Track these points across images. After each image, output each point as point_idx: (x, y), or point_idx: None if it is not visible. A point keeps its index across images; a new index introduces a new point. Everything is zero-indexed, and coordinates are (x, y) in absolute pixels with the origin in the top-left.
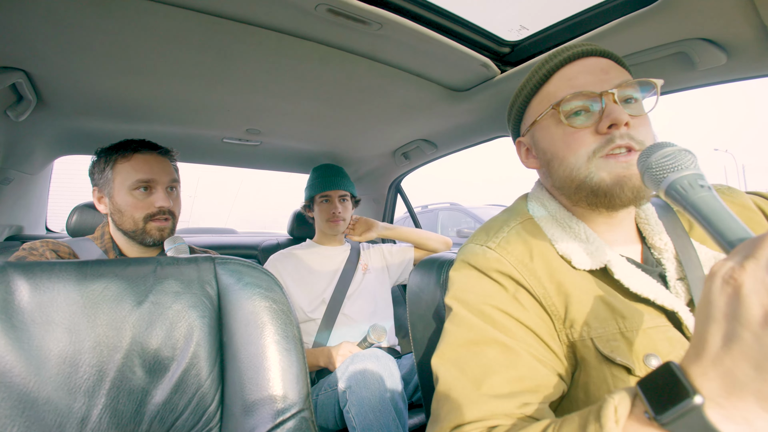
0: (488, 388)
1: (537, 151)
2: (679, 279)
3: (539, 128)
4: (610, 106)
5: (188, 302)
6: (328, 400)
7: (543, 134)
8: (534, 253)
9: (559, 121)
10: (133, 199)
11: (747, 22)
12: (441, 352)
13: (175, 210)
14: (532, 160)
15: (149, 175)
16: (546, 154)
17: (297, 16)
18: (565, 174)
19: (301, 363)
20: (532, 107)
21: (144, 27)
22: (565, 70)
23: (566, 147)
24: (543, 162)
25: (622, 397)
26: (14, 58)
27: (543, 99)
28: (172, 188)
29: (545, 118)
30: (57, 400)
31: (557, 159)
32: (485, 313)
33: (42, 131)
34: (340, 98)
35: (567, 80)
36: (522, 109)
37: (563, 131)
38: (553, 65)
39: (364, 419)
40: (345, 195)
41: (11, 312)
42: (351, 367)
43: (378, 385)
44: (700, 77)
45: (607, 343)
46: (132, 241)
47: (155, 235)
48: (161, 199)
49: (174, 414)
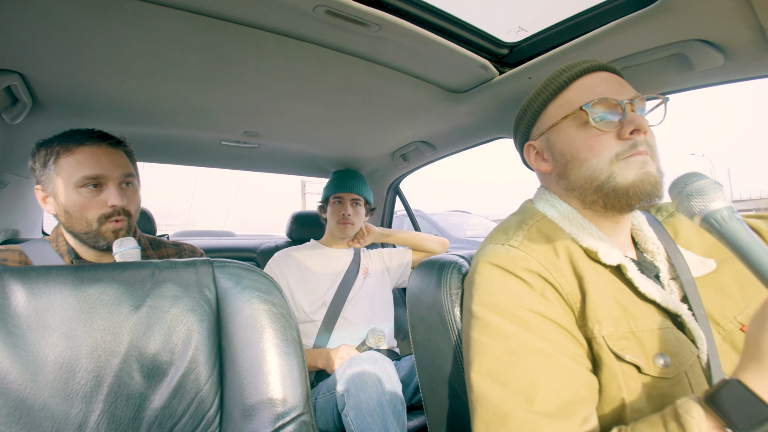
0: (540, 405)
1: (553, 153)
2: (672, 279)
3: (557, 131)
4: (632, 114)
5: (186, 306)
6: (327, 404)
7: (561, 137)
8: (558, 249)
9: (581, 125)
10: (80, 197)
11: (744, 23)
12: (479, 367)
13: (131, 208)
14: (544, 164)
15: (98, 170)
16: (564, 156)
17: (295, 17)
18: (585, 175)
19: (300, 366)
20: (549, 112)
21: (141, 29)
22: (584, 80)
23: (589, 149)
24: (559, 164)
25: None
26: (9, 61)
27: (563, 104)
28: (127, 183)
29: (566, 121)
30: (54, 406)
31: (577, 160)
32: (518, 317)
33: (38, 134)
34: (338, 100)
35: (588, 88)
36: (537, 113)
37: (585, 134)
38: (574, 74)
39: (362, 423)
40: (358, 199)
41: (7, 317)
42: (348, 371)
43: (376, 388)
44: (697, 78)
45: (618, 342)
46: (84, 244)
47: (110, 238)
48: (113, 197)
49: (173, 419)
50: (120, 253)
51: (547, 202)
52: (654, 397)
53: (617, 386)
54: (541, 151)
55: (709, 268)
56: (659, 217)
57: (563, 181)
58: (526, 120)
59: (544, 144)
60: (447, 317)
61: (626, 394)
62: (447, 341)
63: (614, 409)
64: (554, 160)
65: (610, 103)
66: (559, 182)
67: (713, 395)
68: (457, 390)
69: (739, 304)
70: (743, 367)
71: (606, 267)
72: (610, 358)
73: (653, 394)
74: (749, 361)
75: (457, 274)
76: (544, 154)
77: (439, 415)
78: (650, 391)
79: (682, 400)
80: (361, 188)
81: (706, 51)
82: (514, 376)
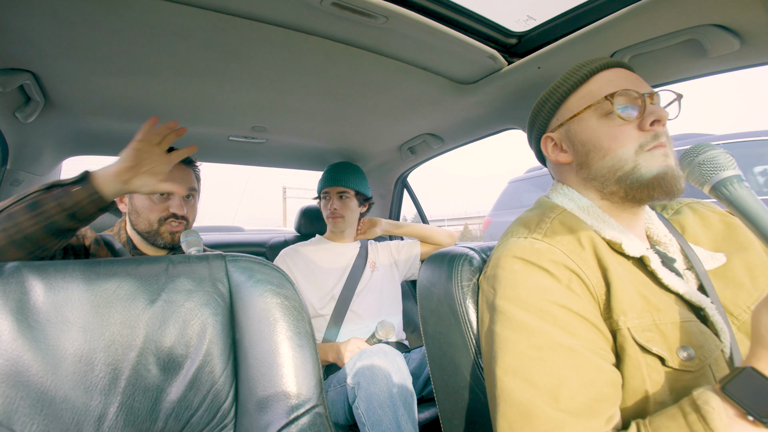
0: (566, 402)
1: (573, 144)
2: (687, 269)
3: (579, 121)
4: (652, 106)
5: (201, 300)
6: (338, 396)
7: (583, 127)
8: (583, 240)
9: (603, 115)
10: (150, 202)
11: (762, 5)
12: (503, 362)
13: (189, 217)
14: (562, 155)
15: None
16: (585, 146)
17: (303, 10)
18: (608, 164)
19: (314, 359)
20: (570, 103)
21: (150, 26)
22: (604, 74)
23: (612, 139)
24: (580, 154)
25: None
26: (21, 60)
27: (584, 95)
28: (189, 196)
29: (588, 111)
30: (74, 398)
31: (600, 150)
32: (544, 311)
33: (50, 132)
34: (346, 94)
35: (608, 81)
36: (556, 105)
37: (608, 124)
38: (594, 68)
39: (373, 415)
40: (344, 192)
41: (27, 312)
42: (359, 363)
43: (386, 381)
44: (711, 64)
45: (643, 333)
46: (145, 241)
47: (167, 238)
48: (176, 206)
49: (189, 411)
50: (186, 241)
51: (565, 196)
52: (677, 389)
53: (641, 379)
54: (559, 143)
55: (719, 261)
56: (665, 215)
57: (584, 170)
58: (545, 112)
59: (564, 135)
60: (458, 309)
61: (650, 386)
62: (459, 333)
63: (637, 401)
64: (574, 151)
65: (632, 96)
66: (579, 173)
67: (729, 384)
68: (470, 382)
69: (751, 293)
70: (755, 354)
71: (629, 259)
72: (634, 350)
73: (676, 386)
74: (760, 349)
75: (468, 266)
76: (563, 145)
77: (450, 407)
78: (673, 384)
79: (698, 391)
80: (348, 180)
81: (722, 36)
82: (540, 372)
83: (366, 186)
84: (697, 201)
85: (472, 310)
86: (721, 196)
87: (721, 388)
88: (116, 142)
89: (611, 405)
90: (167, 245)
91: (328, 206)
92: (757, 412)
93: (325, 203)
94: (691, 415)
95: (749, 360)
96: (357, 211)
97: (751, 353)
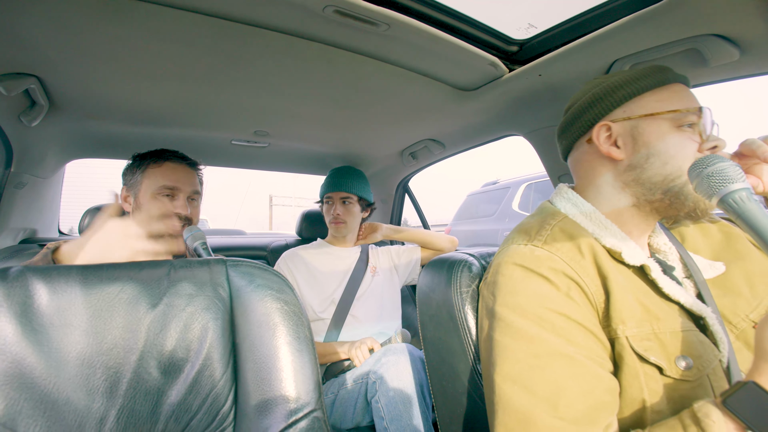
0: (564, 410)
1: (636, 142)
2: (686, 277)
3: (652, 122)
4: (714, 135)
5: (201, 304)
6: (350, 395)
7: (653, 129)
8: (583, 248)
9: (679, 125)
10: (156, 201)
11: (761, 16)
12: (502, 370)
13: (192, 218)
14: (615, 149)
15: (175, 183)
16: (649, 148)
17: (305, 17)
18: (666, 172)
19: (313, 363)
20: (646, 100)
21: (153, 31)
22: (679, 86)
23: (682, 149)
24: (639, 155)
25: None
26: (26, 64)
27: (666, 98)
28: (192, 199)
29: (667, 116)
30: (77, 400)
31: (664, 156)
32: (543, 318)
33: (54, 136)
34: (348, 99)
35: (687, 95)
36: (629, 96)
37: (680, 136)
38: (675, 76)
39: (394, 409)
40: (347, 197)
41: (31, 315)
42: (384, 359)
43: (410, 378)
44: (711, 74)
45: (641, 342)
46: None
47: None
48: (180, 207)
49: (189, 414)
50: (191, 236)
51: (569, 201)
52: (675, 399)
53: (638, 387)
54: (615, 136)
55: (718, 270)
56: (666, 224)
57: (634, 172)
58: (613, 99)
59: (627, 130)
60: (457, 315)
61: (647, 395)
62: (457, 339)
63: (635, 410)
64: (634, 149)
65: (707, 117)
66: (626, 173)
67: (731, 398)
68: (468, 388)
69: (750, 302)
70: (758, 369)
71: (629, 267)
72: (632, 359)
73: (674, 396)
74: (763, 363)
75: (468, 272)
76: (619, 140)
77: (449, 413)
78: (671, 393)
79: (699, 404)
80: (352, 186)
81: (722, 46)
82: (538, 380)
83: (369, 191)
84: None
85: (471, 317)
86: (729, 208)
87: (723, 402)
88: (120, 145)
89: (609, 413)
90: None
91: (331, 211)
92: (758, 428)
93: (327, 208)
94: (691, 428)
95: (752, 374)
96: (359, 216)
97: (754, 367)
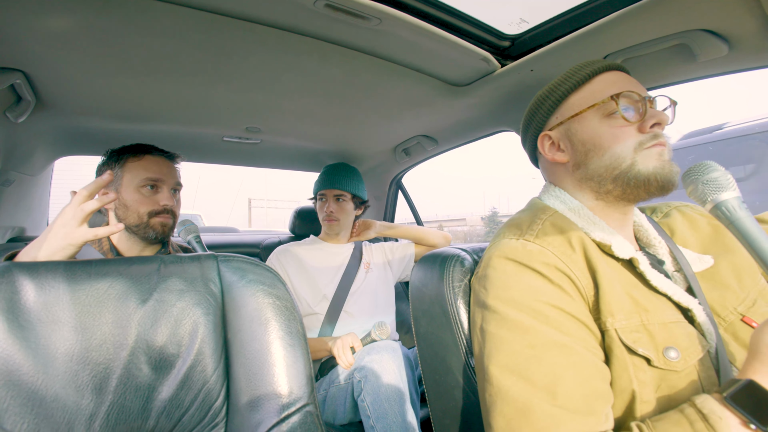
0: (563, 399)
1: (572, 142)
2: (675, 271)
3: (580, 120)
4: (653, 110)
5: (192, 300)
6: (340, 393)
7: (584, 126)
8: (573, 242)
9: (605, 116)
10: (140, 195)
11: (749, 12)
12: (499, 361)
13: (176, 211)
14: (559, 154)
15: (158, 175)
16: (585, 145)
17: (296, 12)
18: (606, 163)
19: (305, 358)
20: (572, 102)
21: (142, 25)
22: (606, 75)
23: (613, 138)
24: (579, 153)
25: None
26: (12, 59)
27: (587, 95)
28: (175, 190)
29: (591, 110)
30: (65, 397)
31: (599, 149)
32: (537, 311)
33: (42, 132)
34: (339, 95)
35: (611, 83)
36: (556, 104)
37: (609, 124)
38: (596, 69)
39: (379, 408)
40: (341, 195)
41: (18, 311)
42: (368, 357)
43: (393, 376)
44: (700, 69)
45: (630, 335)
46: (134, 236)
47: (158, 230)
48: (166, 198)
49: (180, 410)
50: (185, 229)
51: (557, 198)
52: (663, 388)
53: (628, 379)
54: (557, 142)
55: (707, 263)
56: (655, 218)
57: (580, 170)
58: (544, 109)
59: (563, 133)
60: (450, 310)
61: (637, 385)
62: (450, 334)
63: (625, 400)
64: (573, 150)
65: (634, 98)
66: (575, 173)
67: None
68: (461, 382)
69: (738, 295)
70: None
71: (618, 260)
72: (621, 351)
73: (662, 385)
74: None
75: (460, 267)
76: (561, 144)
77: (442, 407)
78: (660, 383)
79: (700, 399)
80: (346, 183)
81: (710, 41)
82: (536, 370)
83: (363, 189)
84: (686, 204)
85: (464, 311)
86: (721, 216)
87: (725, 397)
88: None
89: (606, 402)
90: (158, 237)
91: (324, 208)
92: (760, 421)
93: (321, 205)
94: (698, 423)
95: (747, 373)
96: (353, 213)
97: (749, 367)
